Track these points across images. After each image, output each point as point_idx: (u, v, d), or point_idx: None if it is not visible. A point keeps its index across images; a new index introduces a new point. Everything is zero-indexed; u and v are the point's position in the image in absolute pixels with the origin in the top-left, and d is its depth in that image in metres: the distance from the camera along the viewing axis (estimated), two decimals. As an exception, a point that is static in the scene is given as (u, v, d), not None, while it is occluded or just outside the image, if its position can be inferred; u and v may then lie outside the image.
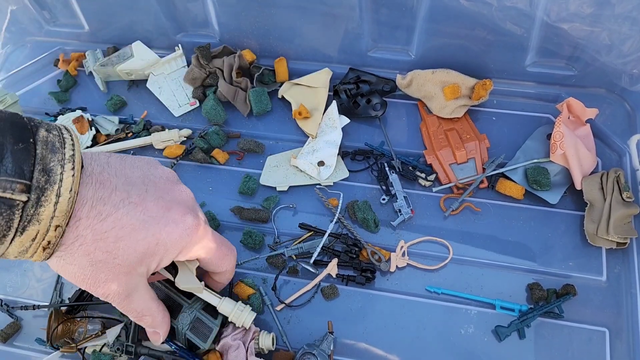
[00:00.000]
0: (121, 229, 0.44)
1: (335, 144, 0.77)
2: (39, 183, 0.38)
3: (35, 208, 0.38)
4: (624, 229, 0.67)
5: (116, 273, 0.45)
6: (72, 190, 0.39)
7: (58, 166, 0.39)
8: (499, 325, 0.66)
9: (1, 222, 0.37)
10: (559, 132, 0.71)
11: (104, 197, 0.43)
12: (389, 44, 0.83)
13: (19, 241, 0.39)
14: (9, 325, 0.71)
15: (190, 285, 0.54)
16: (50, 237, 0.40)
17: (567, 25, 0.70)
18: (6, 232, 0.38)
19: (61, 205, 0.39)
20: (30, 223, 0.38)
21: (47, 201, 0.38)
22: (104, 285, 0.45)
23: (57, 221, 0.39)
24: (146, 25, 0.88)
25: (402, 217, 0.72)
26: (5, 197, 0.36)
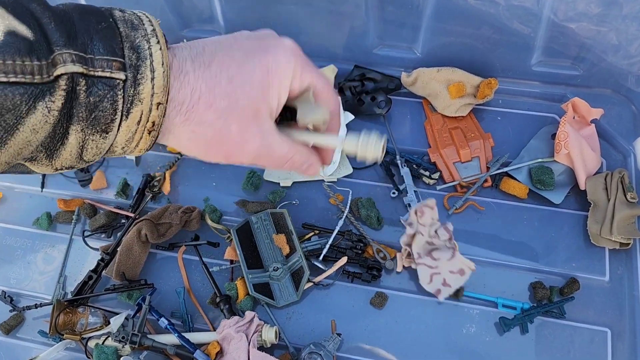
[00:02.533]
0: (229, 69, 0.42)
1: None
2: (131, 61, 0.36)
3: (134, 87, 0.37)
4: (628, 229, 0.67)
5: (246, 119, 0.43)
6: (164, 64, 0.38)
7: (144, 41, 0.37)
8: (503, 317, 0.66)
9: (107, 105, 0.36)
10: (564, 132, 0.70)
11: (199, 52, 0.42)
12: (394, 42, 0.83)
13: (125, 125, 0.38)
14: (12, 317, 0.71)
15: (315, 115, 0.48)
16: (154, 117, 0.39)
17: (574, 24, 0.69)
18: (113, 117, 0.37)
19: (158, 81, 0.38)
20: (133, 104, 0.37)
21: (144, 78, 0.37)
22: (240, 139, 0.43)
23: (157, 98, 0.38)
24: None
25: None
26: (105, 76, 0.35)
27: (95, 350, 0.63)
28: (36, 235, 0.78)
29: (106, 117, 0.36)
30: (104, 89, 0.35)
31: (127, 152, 0.41)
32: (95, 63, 0.35)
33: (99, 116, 0.36)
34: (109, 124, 0.37)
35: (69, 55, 0.33)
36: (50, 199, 0.80)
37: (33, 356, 0.67)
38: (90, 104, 0.35)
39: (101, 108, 0.36)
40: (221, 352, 0.63)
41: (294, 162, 0.49)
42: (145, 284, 0.70)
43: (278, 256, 0.69)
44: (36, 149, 0.36)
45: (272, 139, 0.46)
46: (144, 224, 0.70)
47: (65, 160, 0.38)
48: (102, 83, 0.35)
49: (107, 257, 0.71)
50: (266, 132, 0.45)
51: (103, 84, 0.35)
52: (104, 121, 0.36)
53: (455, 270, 0.66)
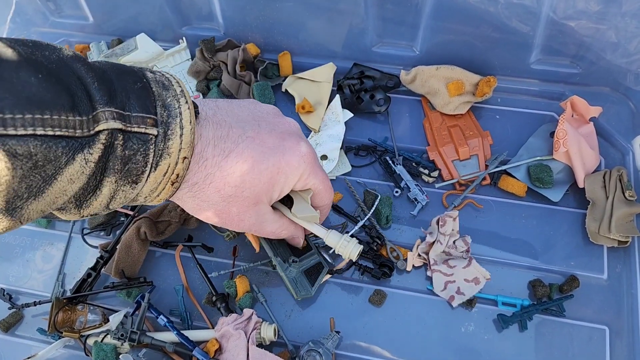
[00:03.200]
0: (244, 163, 0.46)
1: (339, 138, 0.77)
2: (162, 118, 0.40)
3: (164, 142, 0.40)
4: (626, 227, 0.68)
5: (246, 205, 0.48)
6: (191, 122, 0.41)
7: (174, 101, 0.41)
8: (501, 314, 0.66)
9: (139, 158, 0.39)
10: (562, 130, 0.71)
11: (223, 135, 0.46)
12: (393, 40, 0.83)
13: (153, 177, 0.41)
14: (11, 315, 0.71)
15: (307, 214, 0.55)
16: (179, 170, 0.42)
17: (574, 22, 0.69)
18: (144, 169, 0.40)
19: (185, 137, 0.41)
20: (162, 157, 0.40)
21: (174, 134, 0.40)
22: (237, 219, 0.49)
23: (184, 153, 0.42)
24: (151, 17, 0.88)
25: (420, 205, 0.72)
26: (141, 132, 0.38)
27: (94, 348, 0.63)
28: (35, 233, 0.78)
29: (138, 169, 0.40)
30: (138, 143, 0.39)
31: (148, 201, 0.45)
32: (132, 120, 0.38)
33: (131, 168, 0.39)
34: (140, 176, 0.40)
35: (110, 113, 0.36)
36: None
37: (32, 354, 0.67)
38: (125, 157, 0.38)
39: (134, 161, 0.39)
40: (220, 350, 0.63)
41: (280, 235, 0.57)
42: (144, 282, 0.70)
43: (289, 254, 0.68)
44: (68, 200, 0.38)
45: (265, 220, 0.52)
46: (143, 222, 0.70)
47: (94, 208, 0.40)
48: (137, 138, 0.38)
49: (107, 255, 0.71)
50: (261, 215, 0.51)
51: (137, 139, 0.38)
52: (136, 173, 0.40)
53: (470, 278, 0.67)
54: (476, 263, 0.68)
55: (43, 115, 0.32)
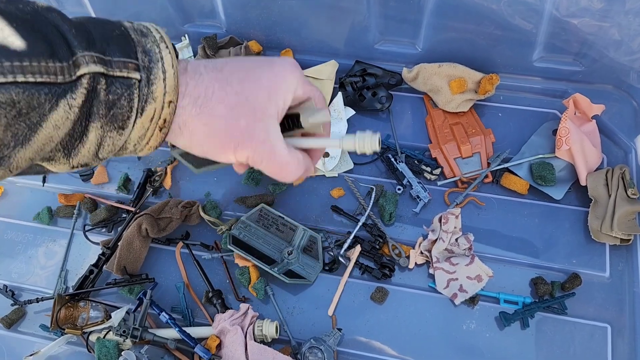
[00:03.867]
0: (239, 72, 0.47)
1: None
2: (144, 62, 0.40)
3: (148, 87, 0.40)
4: (628, 225, 0.67)
5: (253, 116, 0.47)
6: (173, 65, 0.42)
7: (154, 46, 0.41)
8: (503, 311, 0.66)
9: (124, 103, 0.39)
10: (565, 128, 0.70)
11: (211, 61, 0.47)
12: (395, 37, 0.83)
13: (140, 122, 0.41)
14: (14, 311, 0.71)
15: (317, 117, 0.52)
16: (165, 115, 0.42)
17: (577, 20, 0.69)
18: (129, 114, 0.40)
19: (169, 81, 0.41)
20: (147, 102, 0.40)
21: (157, 78, 0.40)
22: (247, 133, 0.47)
23: (168, 97, 0.42)
24: (153, 14, 0.88)
25: (423, 202, 0.72)
26: (123, 76, 0.38)
27: (97, 344, 0.63)
28: (37, 230, 0.78)
29: (123, 114, 0.40)
30: (122, 88, 0.39)
31: (138, 150, 0.44)
32: (114, 64, 0.38)
33: (116, 113, 0.39)
34: (126, 121, 0.40)
35: (90, 57, 0.36)
36: (51, 194, 0.80)
37: (34, 350, 0.67)
38: (109, 102, 0.38)
39: (119, 106, 0.39)
40: (220, 346, 0.64)
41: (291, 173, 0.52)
42: (146, 279, 0.70)
43: (281, 244, 0.69)
44: (55, 147, 0.38)
45: (276, 138, 0.49)
46: (145, 219, 0.70)
47: (83, 157, 0.40)
48: (119, 82, 0.38)
49: (108, 252, 0.71)
50: (271, 131, 0.49)
51: (121, 84, 0.38)
52: (121, 118, 0.40)
53: (472, 276, 0.67)
54: (479, 261, 0.68)
55: (22, 63, 0.33)
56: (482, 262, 0.68)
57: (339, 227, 0.73)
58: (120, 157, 0.79)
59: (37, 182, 0.80)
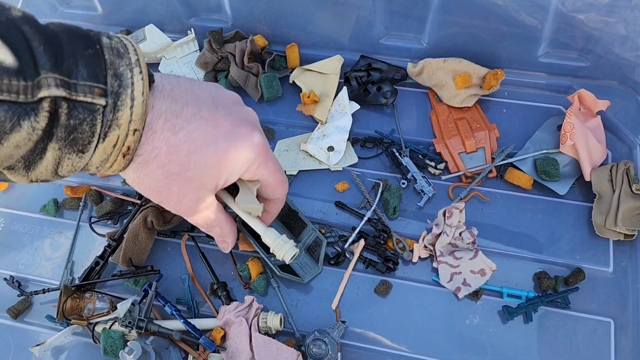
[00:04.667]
0: (193, 143, 0.45)
1: (345, 130, 0.78)
2: (113, 87, 0.38)
3: (113, 113, 0.38)
4: (632, 221, 0.68)
5: (188, 187, 0.47)
6: (144, 93, 0.40)
7: (127, 70, 0.39)
8: (507, 305, 0.66)
9: (85, 128, 0.38)
10: (570, 123, 0.70)
11: (177, 111, 0.44)
12: (401, 32, 0.83)
13: (102, 148, 0.40)
14: (20, 302, 0.72)
15: (250, 205, 0.54)
16: (130, 142, 0.41)
17: (583, 15, 0.69)
18: (90, 139, 0.38)
19: (136, 109, 0.40)
20: (111, 128, 0.39)
21: (124, 105, 0.39)
22: (175, 199, 0.47)
23: (134, 125, 0.40)
24: (159, 8, 0.89)
25: (427, 196, 0.72)
26: (87, 102, 0.37)
27: (103, 335, 0.64)
28: (43, 222, 0.78)
29: (84, 139, 0.38)
30: (84, 113, 0.37)
31: (101, 171, 0.43)
32: (78, 88, 0.36)
33: (77, 137, 0.38)
34: (86, 145, 0.39)
35: (53, 79, 0.35)
36: (57, 186, 0.80)
37: (41, 341, 0.68)
38: (70, 126, 0.37)
39: (80, 130, 0.38)
40: (225, 337, 0.64)
41: (211, 231, 0.56)
42: (151, 270, 0.70)
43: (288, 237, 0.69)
44: (17, 160, 0.37)
45: (203, 207, 0.50)
46: (150, 211, 0.70)
47: (41, 173, 0.39)
48: (82, 107, 0.37)
49: (114, 244, 0.71)
50: (201, 201, 0.49)
51: (84, 108, 0.37)
52: (82, 142, 0.38)
53: (476, 270, 0.67)
54: (482, 255, 0.68)
55: None
56: (486, 256, 0.68)
57: (344, 220, 0.74)
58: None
59: (43, 175, 0.81)
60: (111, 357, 0.64)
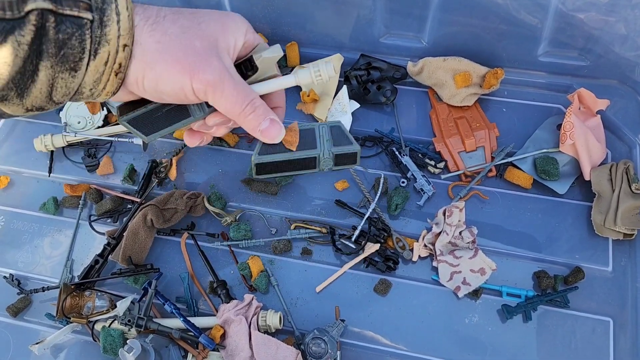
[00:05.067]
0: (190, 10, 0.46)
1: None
2: (97, 3, 0.39)
3: (100, 29, 0.39)
4: (632, 220, 0.68)
5: (207, 42, 0.45)
6: (128, 8, 0.40)
7: None
8: (506, 304, 0.67)
9: (75, 43, 0.38)
10: (569, 122, 0.71)
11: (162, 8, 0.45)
12: (401, 31, 0.83)
13: (93, 66, 0.40)
14: (20, 300, 0.72)
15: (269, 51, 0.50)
16: (121, 59, 0.41)
17: (583, 14, 0.69)
18: (81, 55, 0.39)
19: (123, 23, 0.40)
20: (101, 44, 0.39)
21: (110, 20, 0.39)
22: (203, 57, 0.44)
23: (123, 40, 0.41)
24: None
25: (427, 195, 0.73)
26: (73, 15, 0.37)
27: (102, 333, 0.64)
28: (43, 220, 0.78)
29: (75, 55, 0.38)
30: (72, 27, 0.37)
31: (95, 95, 0.43)
32: (64, 2, 0.37)
33: (67, 53, 0.38)
34: (78, 62, 0.39)
35: None
36: (57, 184, 0.80)
37: (40, 339, 0.68)
38: (59, 41, 0.37)
39: (69, 46, 0.38)
40: (224, 336, 0.64)
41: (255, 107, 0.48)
42: (151, 269, 0.70)
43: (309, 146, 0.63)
44: (7, 86, 0.37)
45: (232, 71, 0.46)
46: (150, 210, 0.70)
47: (36, 98, 0.39)
48: (70, 21, 0.37)
49: (114, 242, 0.71)
50: (226, 63, 0.46)
51: (71, 22, 0.37)
52: (73, 59, 0.39)
53: (476, 269, 0.67)
54: (482, 254, 0.68)
55: None
56: (486, 255, 0.68)
57: (344, 218, 0.74)
58: (125, 145, 0.79)
59: (43, 173, 0.81)
60: (110, 356, 0.64)
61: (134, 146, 0.82)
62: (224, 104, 0.46)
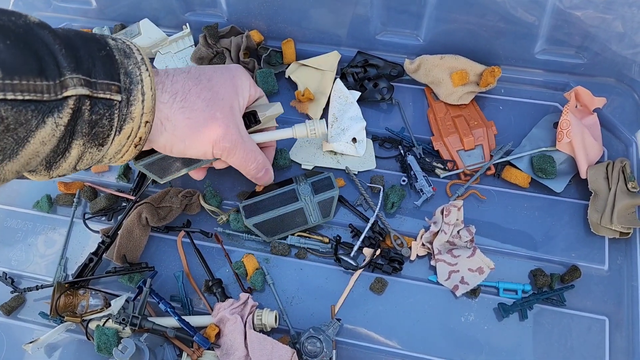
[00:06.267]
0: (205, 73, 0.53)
1: (359, 117, 0.76)
2: (125, 85, 0.43)
3: (127, 107, 0.43)
4: (628, 219, 0.67)
5: (226, 110, 0.52)
6: (152, 88, 0.45)
7: (135, 69, 0.44)
8: (502, 302, 0.66)
9: (105, 122, 0.42)
10: (566, 121, 0.70)
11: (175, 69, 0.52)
12: (397, 28, 0.82)
13: (117, 140, 0.44)
14: (13, 299, 0.71)
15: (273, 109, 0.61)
16: (141, 134, 0.46)
17: (580, 12, 0.69)
18: (109, 132, 0.43)
19: (147, 102, 0.44)
20: (126, 121, 0.43)
21: (136, 100, 0.43)
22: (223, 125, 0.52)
23: (146, 117, 0.45)
24: (154, 3, 0.88)
25: (425, 196, 0.72)
26: (106, 98, 0.41)
27: (96, 332, 0.64)
28: (37, 218, 0.78)
29: (104, 133, 0.42)
30: (104, 109, 0.41)
31: (112, 162, 0.48)
32: (98, 86, 0.40)
33: (98, 132, 0.42)
34: (106, 139, 0.43)
35: (78, 79, 0.39)
36: (50, 182, 0.80)
37: (34, 338, 0.67)
38: (92, 122, 0.41)
39: (100, 125, 0.42)
40: (219, 334, 0.64)
41: (259, 162, 0.59)
42: (146, 267, 0.70)
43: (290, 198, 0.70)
44: (40, 162, 0.41)
45: (244, 130, 0.56)
46: (145, 208, 0.70)
47: (63, 170, 0.43)
48: (102, 103, 0.41)
49: (108, 240, 0.71)
50: (240, 125, 0.55)
51: (103, 104, 0.41)
52: (102, 136, 0.43)
53: (474, 268, 0.67)
54: (480, 253, 0.68)
55: (12, 81, 0.35)
56: (483, 254, 0.68)
57: (340, 217, 0.74)
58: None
59: (36, 170, 0.80)
60: (105, 355, 0.64)
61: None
62: (236, 162, 0.57)
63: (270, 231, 0.70)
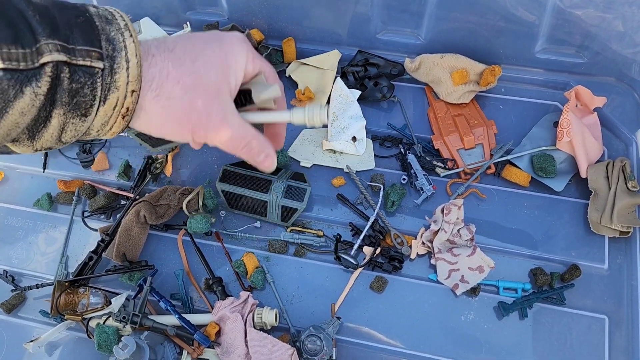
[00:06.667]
0: (191, 52, 0.47)
1: (359, 116, 0.77)
2: (107, 51, 0.40)
3: (111, 76, 0.40)
4: (628, 218, 0.68)
5: (209, 95, 0.47)
6: (137, 55, 0.42)
7: (118, 34, 0.41)
8: (502, 301, 0.67)
9: (87, 91, 0.39)
10: (566, 120, 0.70)
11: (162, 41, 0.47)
12: (398, 27, 0.82)
13: (102, 111, 0.42)
14: (14, 297, 0.71)
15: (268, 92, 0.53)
16: (128, 103, 0.43)
17: (580, 11, 0.69)
18: (92, 102, 0.40)
19: (132, 70, 0.42)
20: (110, 91, 0.41)
21: (120, 67, 0.41)
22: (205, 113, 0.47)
23: (132, 86, 0.42)
24: (155, 1, 0.88)
25: (425, 195, 0.72)
26: (86, 65, 0.39)
27: (97, 330, 0.64)
28: (37, 216, 0.78)
29: (86, 103, 0.40)
30: (85, 77, 0.39)
31: (100, 135, 0.45)
32: (77, 53, 0.38)
33: (79, 101, 0.40)
34: (88, 109, 0.41)
35: (54, 45, 0.37)
36: (51, 180, 0.80)
37: (34, 336, 0.67)
38: (73, 90, 0.39)
39: (82, 94, 0.39)
40: (219, 333, 0.64)
41: (251, 147, 0.52)
42: (146, 265, 0.70)
43: None
44: (22, 131, 0.39)
45: (232, 116, 0.50)
46: (143, 206, 0.70)
47: (46, 141, 0.41)
48: (82, 71, 0.39)
49: (107, 239, 0.71)
50: (227, 109, 0.49)
51: (84, 72, 0.39)
52: (84, 106, 0.40)
53: (474, 267, 0.67)
54: (480, 251, 0.68)
55: None
56: (483, 252, 0.68)
57: (340, 216, 0.74)
58: (121, 139, 0.80)
59: (37, 169, 0.80)
60: (105, 353, 0.64)
61: (130, 141, 0.81)
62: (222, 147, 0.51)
63: (232, 203, 0.73)
